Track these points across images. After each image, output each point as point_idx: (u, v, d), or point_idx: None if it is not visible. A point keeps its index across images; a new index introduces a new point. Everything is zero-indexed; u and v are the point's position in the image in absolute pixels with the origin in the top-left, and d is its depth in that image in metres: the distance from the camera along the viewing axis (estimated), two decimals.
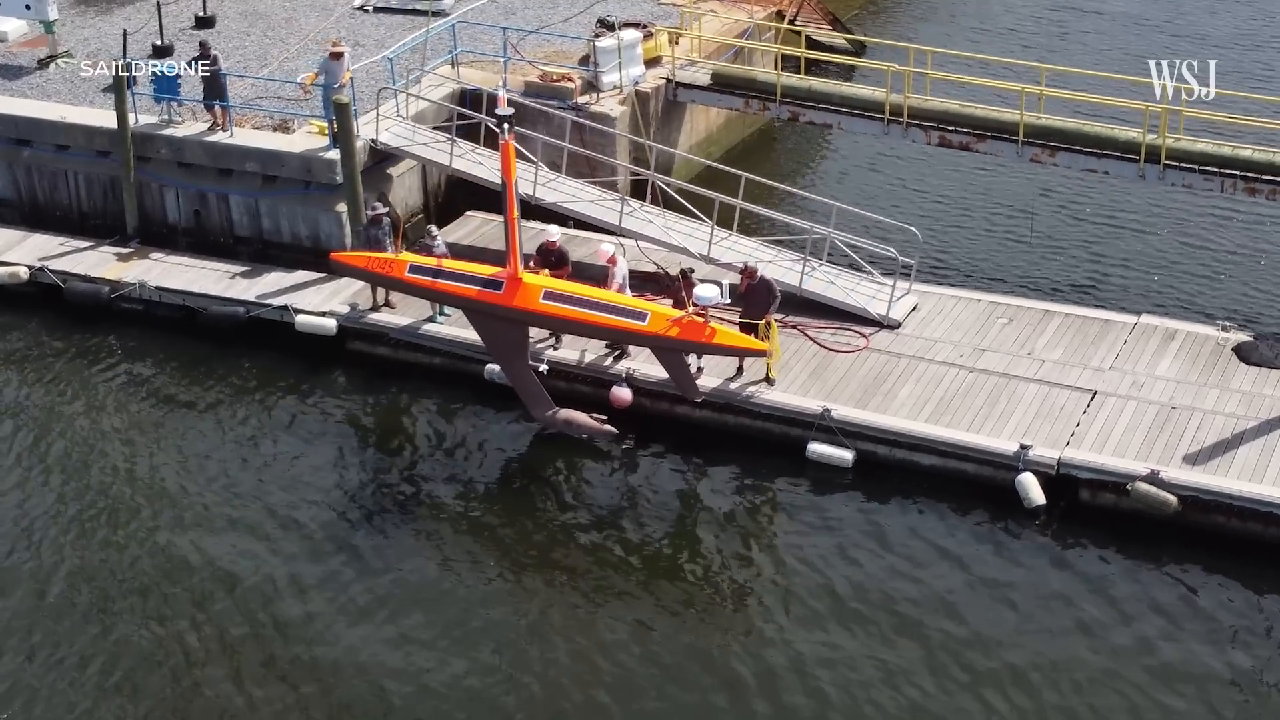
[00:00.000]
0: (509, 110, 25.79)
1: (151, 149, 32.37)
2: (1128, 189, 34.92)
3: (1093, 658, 22.61)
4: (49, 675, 22.73)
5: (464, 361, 29.05)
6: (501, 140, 25.51)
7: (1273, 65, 42.58)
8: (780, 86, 33.38)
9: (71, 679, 22.68)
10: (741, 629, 23.50)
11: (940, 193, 35.85)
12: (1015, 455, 25.54)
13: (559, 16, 37.76)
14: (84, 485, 26.85)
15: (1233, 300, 31.35)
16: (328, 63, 31.36)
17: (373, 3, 38.55)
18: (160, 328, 31.03)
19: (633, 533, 25.57)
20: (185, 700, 22.33)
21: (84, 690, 22.53)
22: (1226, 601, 23.61)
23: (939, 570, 24.45)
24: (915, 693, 22.08)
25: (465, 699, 22.26)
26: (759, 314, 26.72)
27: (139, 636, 23.43)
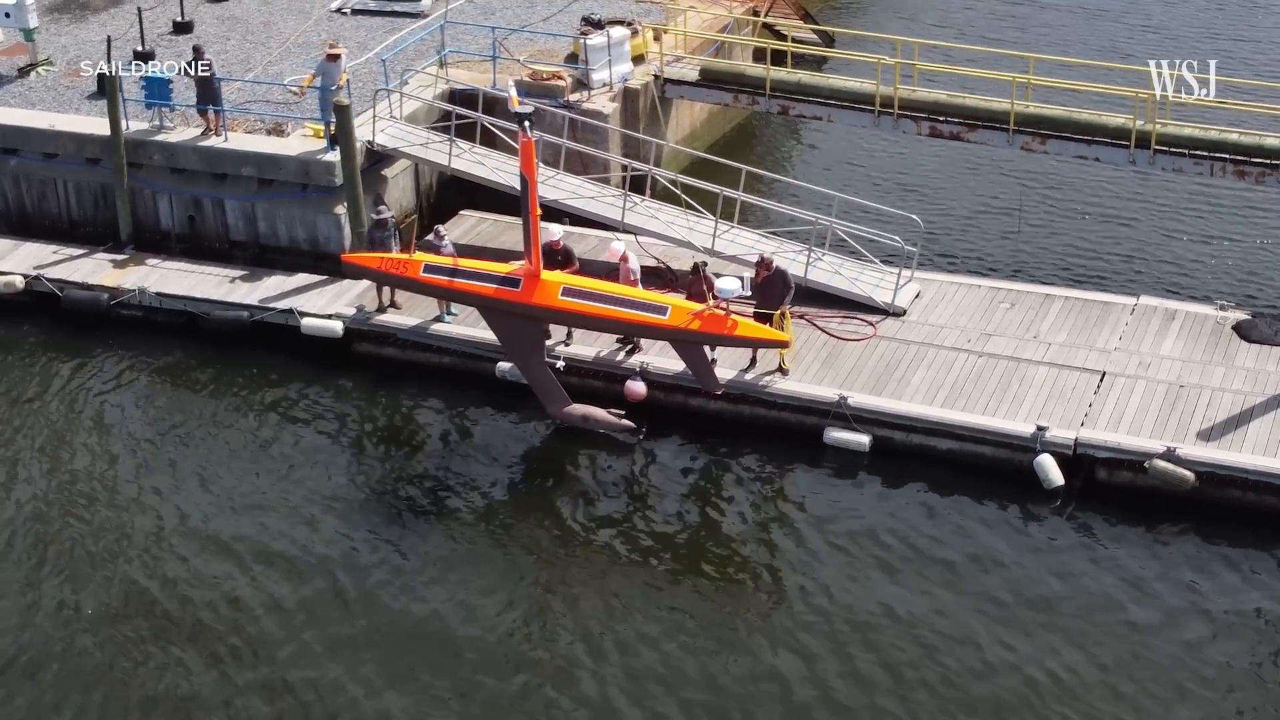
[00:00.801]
0: (528, 108, 25.94)
1: (144, 155, 32.22)
2: (1111, 176, 35.59)
3: (1124, 632, 23.04)
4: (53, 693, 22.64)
5: (474, 360, 29.15)
6: (523, 138, 25.62)
7: (1234, 53, 43.34)
8: (770, 81, 33.69)
9: (79, 694, 22.57)
10: (773, 614, 23.71)
11: (923, 182, 36.27)
12: (1032, 437, 25.98)
13: (538, 16, 37.91)
14: (97, 494, 26.66)
15: (1222, 280, 32.00)
16: (324, 64, 31.36)
17: (351, 5, 38.55)
18: (160, 334, 30.88)
19: (656, 525, 25.76)
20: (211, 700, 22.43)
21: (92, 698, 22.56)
22: (1250, 574, 24.13)
23: (962, 552, 24.78)
24: (944, 670, 22.43)
25: (498, 696, 22.37)
26: (774, 305, 27.01)
27: (152, 653, 23.25)
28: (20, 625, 23.74)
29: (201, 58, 31.86)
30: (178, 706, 22.24)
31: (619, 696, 22.17)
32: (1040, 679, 22.23)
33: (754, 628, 23.42)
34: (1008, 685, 22.16)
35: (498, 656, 22.94)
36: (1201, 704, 21.83)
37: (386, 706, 22.13)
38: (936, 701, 21.89)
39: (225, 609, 23.97)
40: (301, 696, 22.32)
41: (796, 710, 21.87)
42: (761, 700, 22.08)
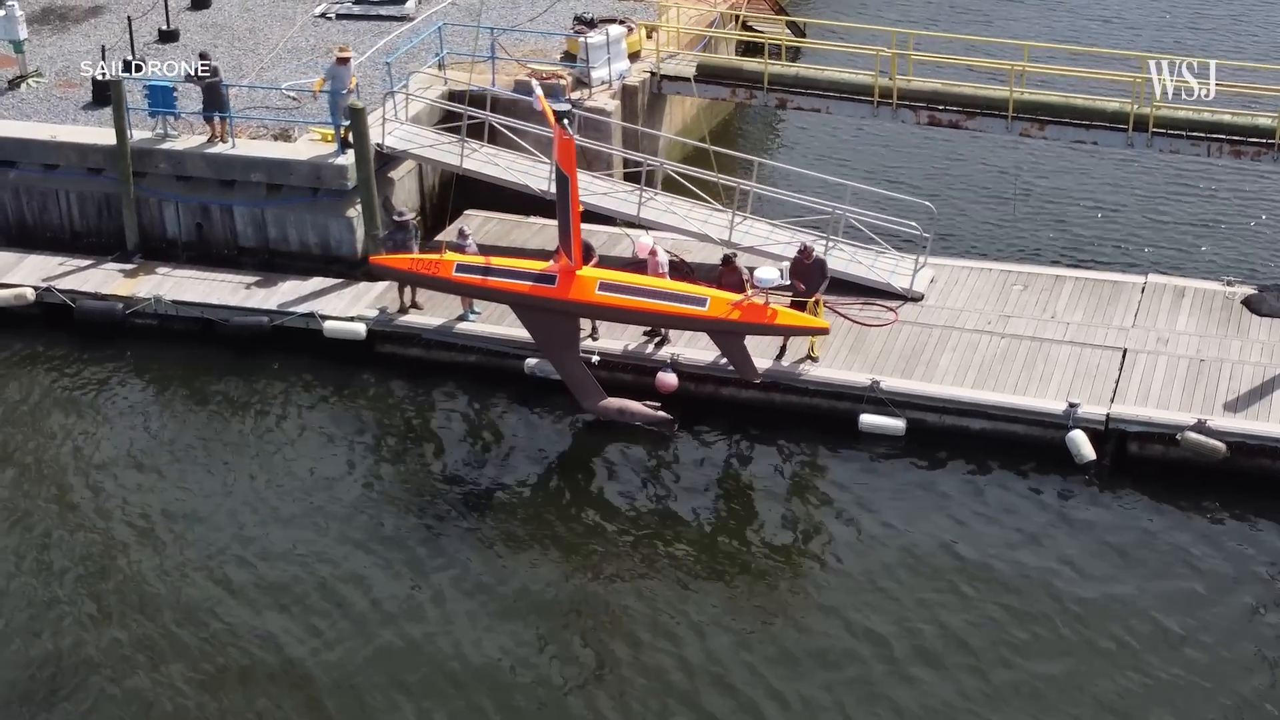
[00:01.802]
0: (566, 105, 26.17)
1: (150, 164, 32.09)
2: (1089, 164, 36.45)
3: (1178, 600, 23.74)
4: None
5: (500, 358, 29.36)
6: (564, 136, 25.86)
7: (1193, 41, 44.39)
8: (768, 75, 34.14)
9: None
10: (824, 599, 24.05)
11: (910, 172, 36.82)
12: (1065, 414, 26.60)
13: (524, 16, 38.11)
14: (128, 505, 26.53)
15: (1220, 258, 32.89)
16: (334, 68, 31.40)
17: (335, 10, 38.54)
18: (176, 342, 30.79)
19: (694, 515, 26.09)
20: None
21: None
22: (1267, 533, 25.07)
23: (1000, 528, 25.35)
24: (989, 644, 23.02)
25: (536, 689, 22.59)
26: (810, 293, 27.44)
27: (196, 659, 23.32)
28: (50, 636, 23.66)
29: (207, 64, 31.77)
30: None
31: (664, 687, 22.44)
32: (1095, 655, 22.84)
33: (804, 614, 23.78)
34: (1061, 664, 22.73)
35: (540, 650, 23.19)
36: (1251, 670, 22.54)
37: (430, 702, 22.34)
38: (985, 680, 22.45)
39: (264, 612, 24.06)
40: (341, 699, 22.47)
41: (849, 691, 22.31)
42: (814, 683, 22.45)
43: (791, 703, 22.09)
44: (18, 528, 26.01)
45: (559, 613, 23.99)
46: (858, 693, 22.26)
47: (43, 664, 23.13)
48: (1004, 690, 22.22)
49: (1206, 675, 22.41)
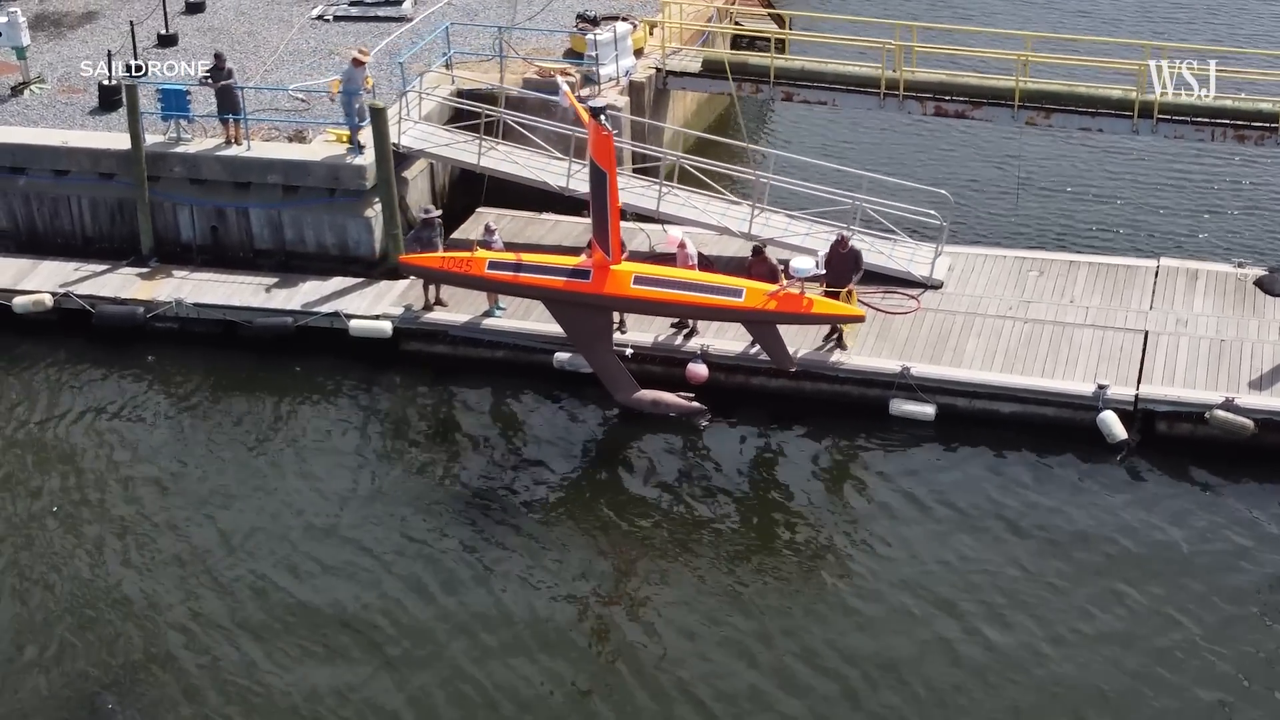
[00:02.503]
0: (603, 102, 26.41)
1: (163, 168, 32.06)
2: (1084, 156, 37.06)
3: (1220, 573, 24.29)
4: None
5: (527, 352, 29.55)
6: (602, 132, 26.07)
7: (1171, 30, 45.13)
8: (774, 69, 34.47)
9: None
10: (863, 584, 24.35)
11: (908, 163, 37.16)
12: (1094, 395, 27.09)
13: (522, 15, 38.26)
14: (169, 510, 26.54)
15: (1223, 240, 33.55)
16: (350, 70, 31.44)
17: (333, 12, 38.58)
18: (198, 345, 30.79)
19: (731, 502, 26.39)
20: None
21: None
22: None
23: (1035, 509, 25.74)
24: (1037, 623, 23.45)
25: (580, 677, 22.85)
26: (843, 282, 27.80)
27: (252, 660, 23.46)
28: (90, 644, 23.67)
29: (222, 66, 31.79)
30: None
31: (704, 674, 22.66)
32: (1143, 631, 23.30)
33: (844, 598, 24.09)
34: (1103, 646, 23.13)
35: (576, 640, 23.42)
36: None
37: (469, 690, 22.56)
38: (1031, 653, 22.90)
39: (307, 612, 24.17)
40: (388, 692, 22.64)
41: (893, 670, 22.68)
42: (854, 666, 22.79)
43: (840, 684, 22.42)
44: (61, 533, 25.99)
45: (601, 604, 24.26)
46: (901, 673, 22.59)
47: (86, 673, 23.10)
48: (1050, 666, 22.65)
49: (1246, 642, 23.01)
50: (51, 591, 24.62)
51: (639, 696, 22.37)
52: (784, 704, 22.12)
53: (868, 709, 22.03)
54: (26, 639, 23.67)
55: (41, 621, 24.00)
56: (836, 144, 38.66)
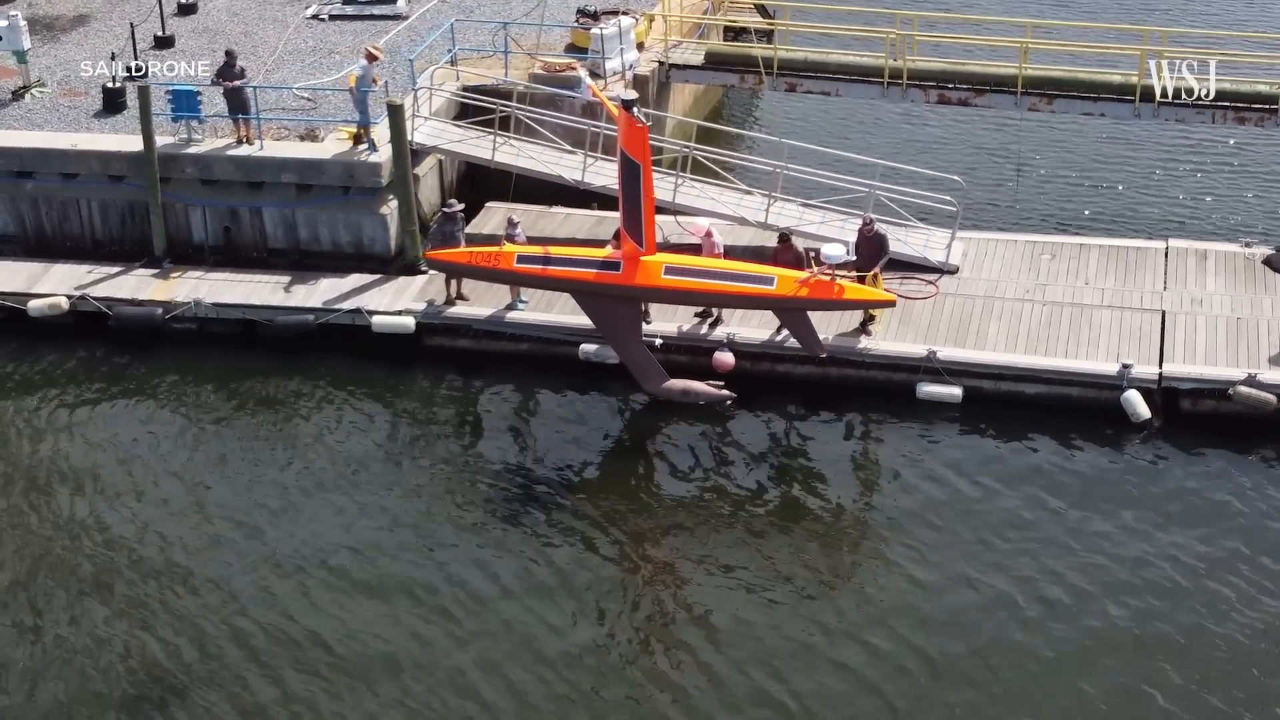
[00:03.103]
0: (633, 94, 26.64)
1: (175, 169, 31.99)
2: (1083, 135, 37.65)
3: (1245, 549, 24.81)
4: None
5: (552, 345, 29.72)
6: (636, 124, 26.27)
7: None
8: (777, 60, 34.80)
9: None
10: (898, 566, 24.65)
11: (909, 148, 37.67)
12: (1119, 375, 27.57)
13: (517, 11, 38.41)
14: (202, 508, 26.51)
15: (1228, 220, 34.27)
16: (365, 66, 31.51)
17: (328, 11, 38.58)
18: (217, 345, 30.77)
19: (762, 488, 26.64)
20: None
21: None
22: None
23: (1064, 488, 26.13)
24: (1061, 598, 23.89)
25: (606, 664, 23.06)
26: (869, 266, 28.15)
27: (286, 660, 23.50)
28: (127, 645, 23.64)
29: (234, 64, 31.76)
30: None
31: (736, 661, 22.86)
32: (1180, 605, 23.78)
33: (884, 579, 24.44)
34: (1139, 618, 23.58)
35: (608, 629, 23.64)
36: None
37: (500, 682, 22.71)
38: (1065, 629, 23.31)
39: (348, 608, 24.25)
40: (428, 682, 22.78)
41: (950, 637, 23.10)
42: (898, 639, 23.15)
43: (873, 662, 22.75)
44: (91, 541, 25.84)
45: (635, 590, 24.54)
46: (932, 650, 22.95)
47: (118, 674, 23.07)
48: (1081, 641, 23.04)
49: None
50: (81, 600, 24.48)
51: (692, 678, 22.65)
52: (835, 686, 22.44)
53: (924, 683, 22.42)
54: (55, 650, 23.49)
55: (70, 629, 23.87)
56: (830, 130, 38.98)
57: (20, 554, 25.47)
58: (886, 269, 30.04)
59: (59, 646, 23.50)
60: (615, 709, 22.20)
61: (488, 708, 22.25)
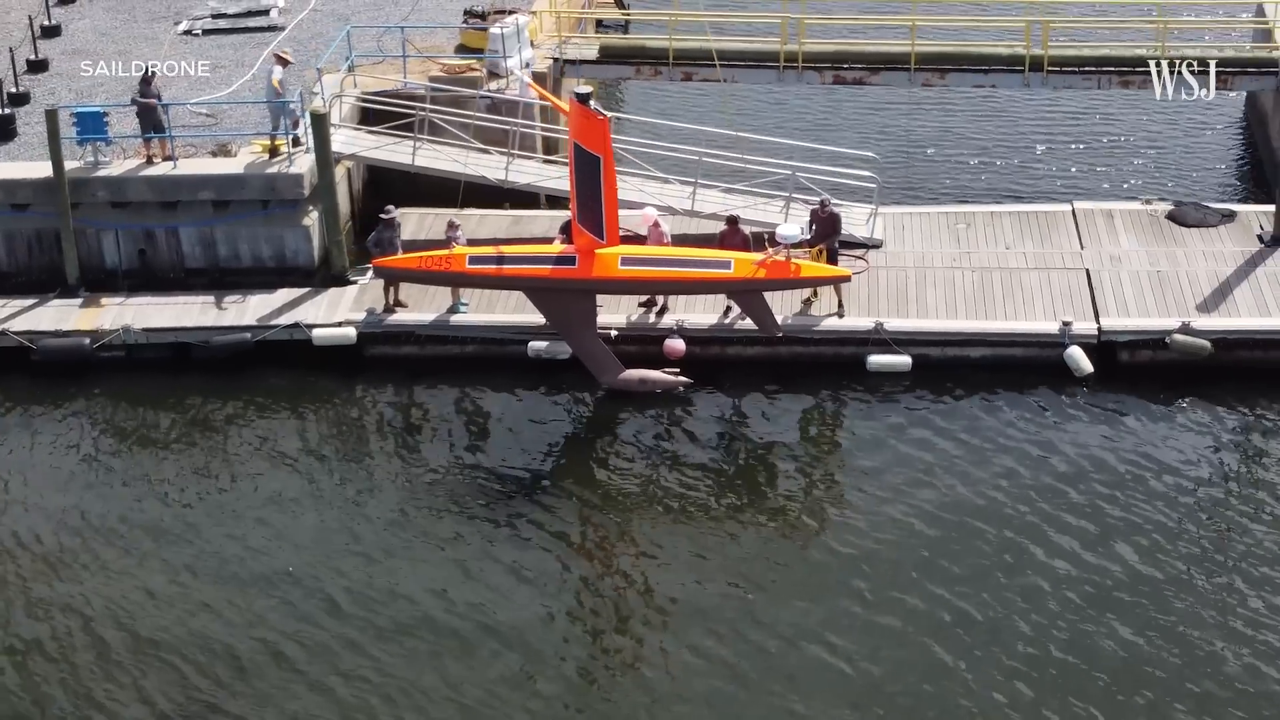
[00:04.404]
0: (588, 89, 26.82)
1: (86, 193, 31.10)
2: (952, 109, 38.87)
3: (1180, 492, 26.08)
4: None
5: (499, 345, 29.73)
6: (598, 117, 26.45)
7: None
8: (672, 51, 35.20)
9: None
10: (857, 532, 25.37)
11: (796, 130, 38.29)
12: (1060, 332, 28.69)
13: (393, 16, 38.16)
14: (145, 542, 25.91)
15: (1120, 179, 35.81)
16: (279, 71, 31.11)
17: (200, 25, 37.85)
18: (149, 371, 30.00)
19: (724, 470, 27.10)
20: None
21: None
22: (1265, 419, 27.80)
23: (1016, 444, 27.16)
24: (1032, 552, 24.85)
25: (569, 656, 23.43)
26: (825, 244, 28.78)
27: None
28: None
29: (150, 82, 31.06)
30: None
31: (710, 645, 23.26)
32: (1128, 550, 24.79)
33: (843, 546, 25.10)
34: (1096, 562, 24.57)
35: (579, 624, 23.97)
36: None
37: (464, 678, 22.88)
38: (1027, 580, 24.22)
39: (330, 602, 24.24)
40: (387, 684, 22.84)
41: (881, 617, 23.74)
42: (856, 615, 23.76)
43: (832, 634, 23.34)
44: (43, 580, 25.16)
45: (607, 581, 24.86)
46: (895, 616, 23.63)
47: None
48: (1040, 591, 24.00)
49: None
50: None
51: (654, 660, 23.12)
52: (792, 660, 22.95)
53: (877, 649, 23.08)
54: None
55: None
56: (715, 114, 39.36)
57: None
58: (797, 247, 30.81)
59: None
60: (589, 702, 22.46)
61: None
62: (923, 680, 22.40)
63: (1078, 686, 22.14)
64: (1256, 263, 30.25)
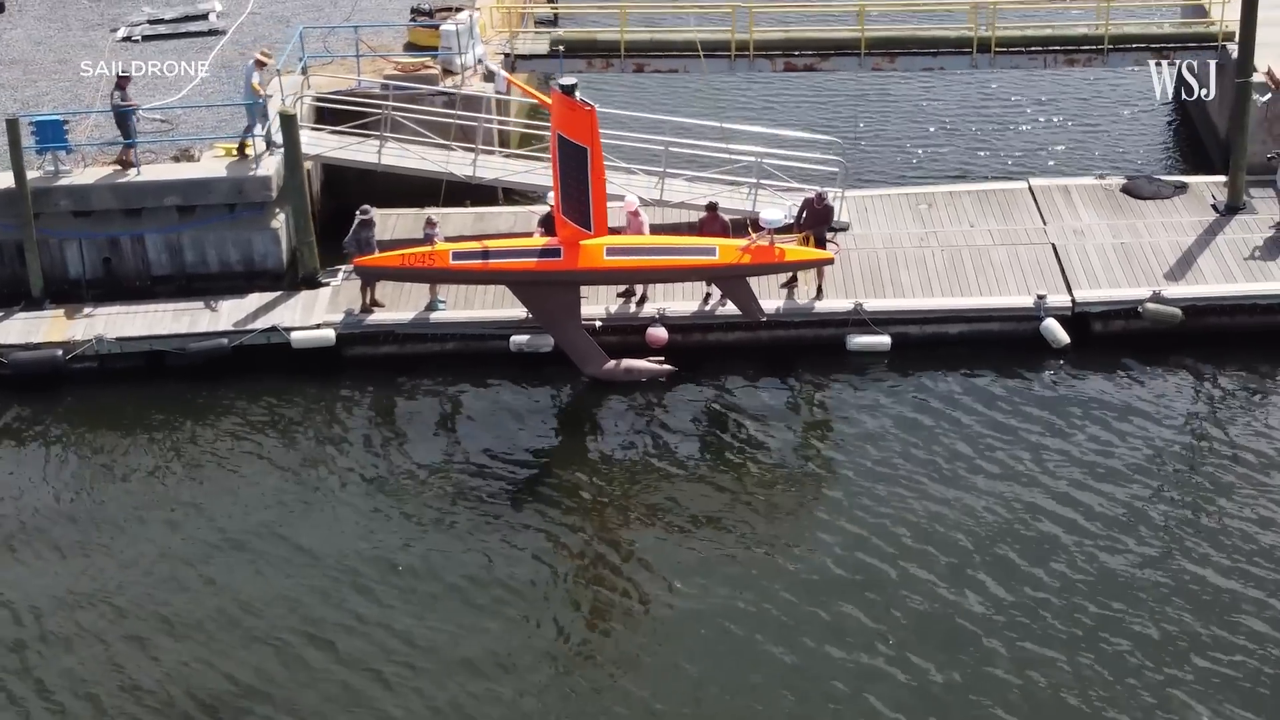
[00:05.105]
0: (572, 80, 26.91)
1: (48, 203, 30.59)
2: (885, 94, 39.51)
3: (1157, 448, 26.91)
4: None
5: (480, 340, 29.72)
6: (584, 108, 26.53)
7: None
8: (624, 43, 35.36)
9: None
10: (845, 511, 25.74)
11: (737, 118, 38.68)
12: (1035, 306, 29.29)
13: (337, 16, 37.92)
14: (158, 540, 25.81)
15: (1068, 156, 36.54)
16: (253, 72, 30.83)
17: (139, 32, 37.34)
18: (123, 382, 29.58)
19: (711, 455, 27.35)
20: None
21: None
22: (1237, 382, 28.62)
23: (999, 416, 27.76)
24: (1015, 502, 25.64)
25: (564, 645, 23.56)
26: (819, 233, 29.15)
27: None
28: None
29: (124, 88, 30.63)
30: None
31: (695, 627, 23.54)
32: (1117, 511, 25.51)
33: (831, 526, 25.45)
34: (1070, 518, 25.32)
35: (575, 615, 24.12)
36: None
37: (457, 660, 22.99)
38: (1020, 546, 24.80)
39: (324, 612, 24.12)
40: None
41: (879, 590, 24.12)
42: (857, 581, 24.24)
43: (826, 611, 23.65)
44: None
45: (598, 569, 24.96)
46: (896, 586, 24.09)
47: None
48: (1030, 556, 24.57)
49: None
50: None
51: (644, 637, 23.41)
52: (807, 639, 23.19)
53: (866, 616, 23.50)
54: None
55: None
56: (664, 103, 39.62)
57: None
58: (784, 233, 31.13)
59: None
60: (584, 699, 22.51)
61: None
62: (915, 655, 22.70)
63: (1067, 649, 22.71)
64: (1215, 231, 31.06)
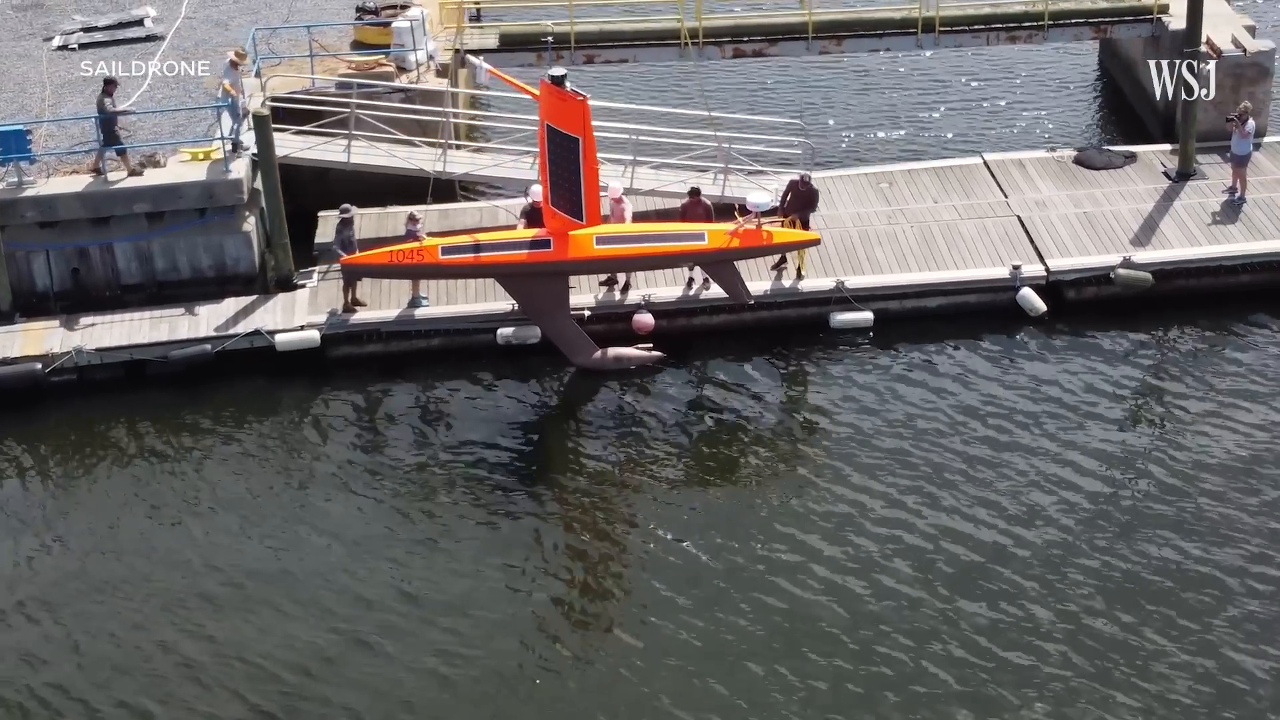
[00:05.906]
0: (561, 70, 27.02)
1: (13, 214, 30.03)
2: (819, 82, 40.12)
3: (1135, 413, 27.95)
4: None
5: (465, 335, 29.72)
6: (578, 99, 26.64)
7: None
8: (574, 35, 35.47)
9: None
10: (838, 485, 26.39)
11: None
12: (1011, 276, 29.96)
13: (276, 17, 37.55)
14: (151, 551, 25.71)
15: (1010, 131, 37.35)
16: (229, 72, 30.51)
17: (76, 40, 36.66)
18: (104, 392, 29.18)
19: (703, 437, 27.83)
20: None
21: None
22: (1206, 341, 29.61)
23: (984, 382, 28.57)
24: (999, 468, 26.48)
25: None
26: (803, 216, 29.53)
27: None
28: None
29: (112, 94, 30.13)
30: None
31: (687, 604, 24.09)
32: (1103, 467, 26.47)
33: (828, 499, 26.12)
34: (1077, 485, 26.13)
35: (556, 611, 24.45)
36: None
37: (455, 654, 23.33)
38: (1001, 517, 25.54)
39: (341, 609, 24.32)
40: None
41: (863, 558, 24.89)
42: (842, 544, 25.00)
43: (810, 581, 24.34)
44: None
45: (591, 557, 25.42)
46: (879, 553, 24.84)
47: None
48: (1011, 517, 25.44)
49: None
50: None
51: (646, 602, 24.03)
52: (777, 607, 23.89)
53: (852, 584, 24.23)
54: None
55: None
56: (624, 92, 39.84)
57: None
58: (766, 215, 31.51)
59: None
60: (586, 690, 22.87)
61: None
62: (906, 623, 23.37)
63: (1053, 612, 23.55)
64: (1172, 197, 32.00)
